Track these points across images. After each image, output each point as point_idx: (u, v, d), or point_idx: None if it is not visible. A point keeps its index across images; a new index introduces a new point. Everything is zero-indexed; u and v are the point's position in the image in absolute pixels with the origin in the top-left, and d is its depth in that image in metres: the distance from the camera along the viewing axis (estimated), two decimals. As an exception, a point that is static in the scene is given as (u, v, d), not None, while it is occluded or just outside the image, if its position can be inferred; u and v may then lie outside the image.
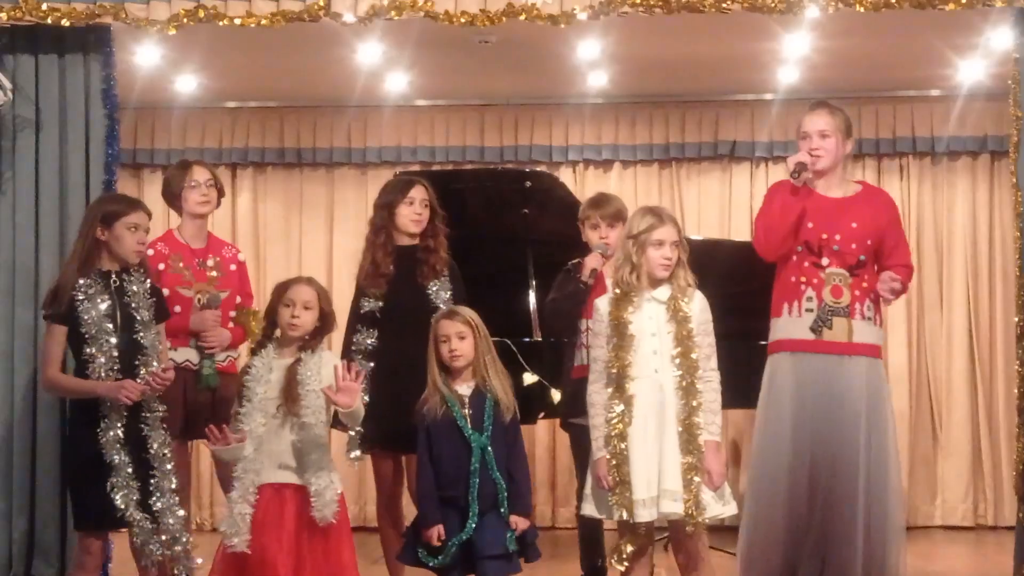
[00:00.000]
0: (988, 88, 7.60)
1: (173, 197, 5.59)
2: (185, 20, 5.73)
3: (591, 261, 5.12)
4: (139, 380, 4.59)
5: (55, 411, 5.80)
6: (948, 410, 8.30)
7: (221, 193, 5.66)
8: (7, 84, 5.79)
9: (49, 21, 5.74)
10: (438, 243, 5.28)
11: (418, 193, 5.29)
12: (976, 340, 8.29)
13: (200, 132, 8.48)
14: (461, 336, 4.51)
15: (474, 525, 4.39)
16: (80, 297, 4.61)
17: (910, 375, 8.31)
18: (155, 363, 4.67)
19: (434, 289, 5.20)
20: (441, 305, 5.13)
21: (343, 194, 8.62)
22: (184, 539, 4.65)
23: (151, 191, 8.46)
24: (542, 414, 6.17)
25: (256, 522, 4.42)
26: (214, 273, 5.48)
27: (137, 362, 4.63)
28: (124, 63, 6.31)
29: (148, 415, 4.63)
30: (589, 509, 4.61)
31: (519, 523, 4.46)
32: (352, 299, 5.36)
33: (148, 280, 4.78)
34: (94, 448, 4.56)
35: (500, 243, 6.47)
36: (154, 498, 4.59)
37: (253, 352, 4.64)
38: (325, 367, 4.53)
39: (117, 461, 4.54)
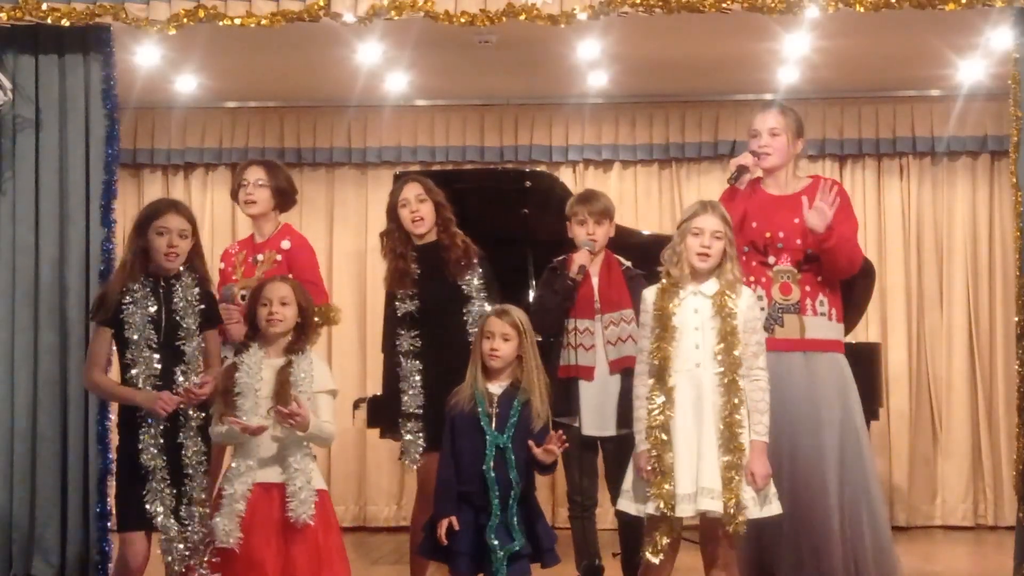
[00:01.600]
0: (988, 88, 7.61)
1: (235, 196, 5.63)
2: (185, 20, 5.73)
3: (579, 257, 5.12)
4: (176, 391, 4.58)
5: (55, 411, 5.81)
6: (948, 410, 8.30)
7: (279, 193, 5.56)
8: (7, 84, 5.80)
9: (49, 21, 5.74)
10: (452, 236, 5.26)
11: (410, 191, 5.27)
12: (976, 340, 8.29)
13: (200, 132, 8.47)
14: (506, 337, 4.47)
15: (497, 522, 4.36)
16: (126, 301, 4.61)
17: (910, 375, 8.31)
18: (195, 373, 4.64)
19: (467, 284, 5.21)
20: (475, 295, 5.16)
21: (343, 194, 8.62)
22: (201, 551, 4.58)
23: (151, 191, 8.49)
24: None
25: (244, 521, 4.43)
26: (263, 267, 5.44)
27: (176, 370, 4.61)
28: (124, 63, 6.31)
29: (186, 424, 4.60)
30: (626, 505, 4.57)
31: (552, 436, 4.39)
32: (384, 304, 5.36)
33: (198, 287, 4.71)
34: (135, 451, 4.57)
35: (500, 243, 6.45)
36: (183, 505, 4.58)
37: (237, 352, 4.63)
38: (316, 368, 4.55)
39: (153, 466, 4.55)
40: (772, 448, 4.82)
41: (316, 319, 5.11)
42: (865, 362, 6.75)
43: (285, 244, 5.53)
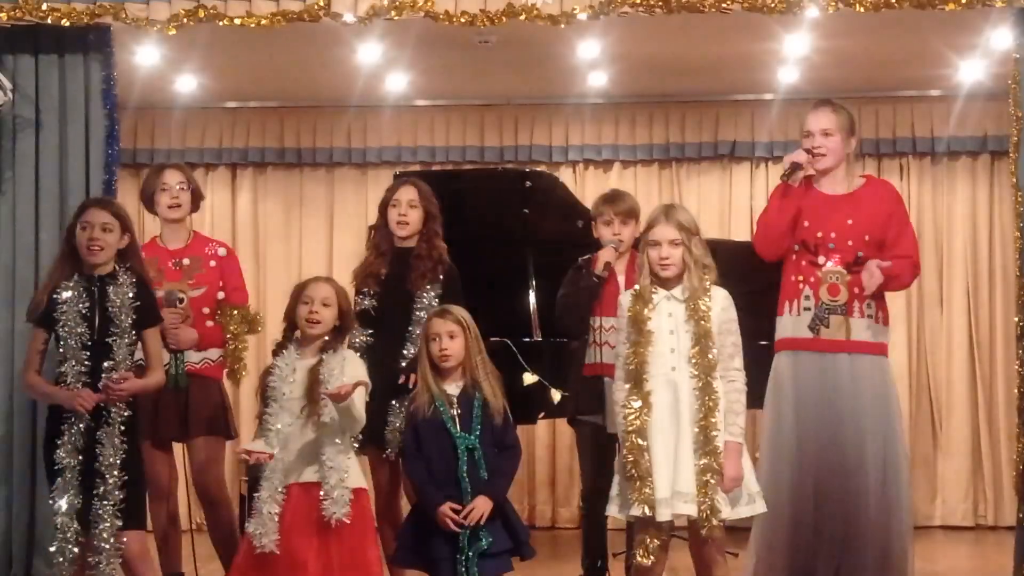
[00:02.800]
0: (988, 88, 7.60)
1: (147, 200, 5.60)
2: (185, 20, 5.73)
3: (604, 255, 5.12)
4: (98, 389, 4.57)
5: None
6: (948, 410, 8.31)
7: (197, 195, 5.61)
8: (7, 84, 5.79)
9: (49, 21, 5.74)
10: (430, 247, 5.22)
11: (404, 195, 5.25)
12: (976, 340, 8.30)
13: (200, 132, 8.48)
14: (451, 335, 4.48)
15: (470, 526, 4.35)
16: (59, 300, 4.61)
17: (910, 375, 8.31)
18: (122, 371, 4.62)
19: (421, 296, 5.16)
20: (423, 314, 5.11)
21: (343, 194, 8.62)
22: (108, 551, 4.57)
23: (151, 191, 8.49)
24: (542, 414, 6.17)
25: (285, 522, 4.43)
26: (192, 272, 5.44)
27: (105, 368, 4.60)
28: (124, 63, 6.31)
29: (107, 423, 4.58)
30: (612, 510, 4.57)
31: (476, 504, 4.33)
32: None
33: (135, 287, 4.69)
34: (55, 451, 4.58)
35: (500, 243, 6.45)
36: (94, 506, 4.55)
37: (274, 353, 4.63)
38: (349, 366, 4.55)
39: (66, 464, 4.54)
40: (816, 448, 4.82)
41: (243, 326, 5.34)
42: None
43: (222, 251, 5.59)
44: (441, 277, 5.19)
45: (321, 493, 4.44)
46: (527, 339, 6.20)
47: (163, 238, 5.57)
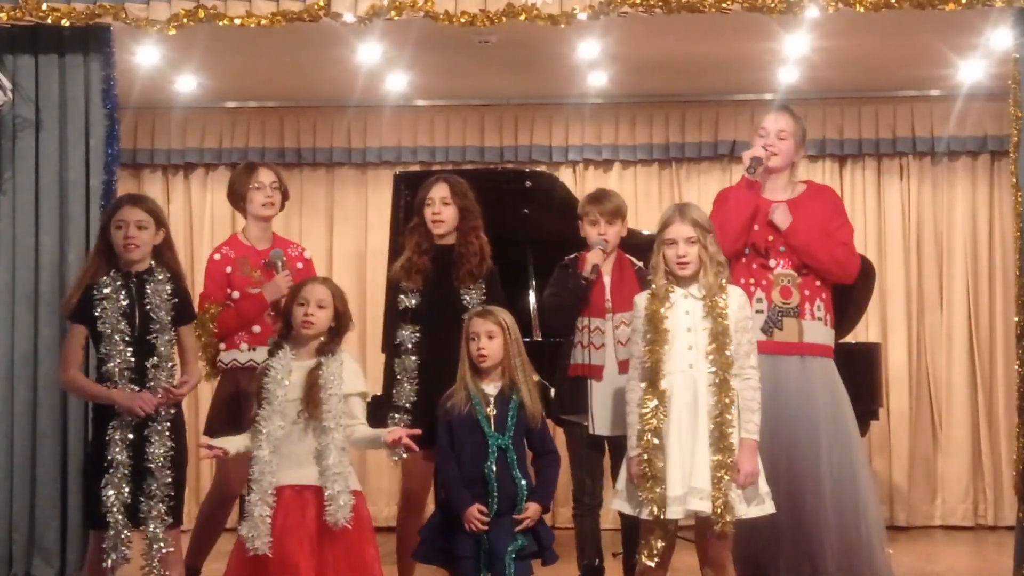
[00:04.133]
0: (988, 88, 7.61)
1: (238, 198, 5.59)
2: (185, 20, 5.73)
3: (592, 257, 5.11)
4: (156, 391, 4.57)
5: (55, 411, 5.81)
6: (948, 410, 8.31)
7: (286, 195, 5.64)
8: (7, 84, 5.80)
9: (49, 21, 5.75)
10: (469, 243, 5.21)
11: (437, 192, 5.24)
12: (976, 340, 8.30)
13: (200, 132, 8.48)
14: (491, 336, 4.48)
15: (498, 523, 4.36)
16: (97, 297, 4.61)
17: (910, 375, 8.31)
18: (166, 368, 4.63)
19: (467, 295, 5.16)
20: (471, 309, 5.12)
21: (343, 194, 8.62)
22: (162, 548, 4.59)
23: (151, 191, 8.48)
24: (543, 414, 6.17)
25: (277, 524, 4.38)
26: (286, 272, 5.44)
27: (148, 365, 4.61)
28: (124, 63, 6.31)
29: (157, 420, 4.59)
30: (620, 504, 4.57)
31: (528, 509, 4.39)
32: (385, 296, 5.35)
33: (170, 283, 4.70)
34: (103, 446, 4.58)
35: (500, 243, 6.45)
36: (144, 503, 4.56)
37: (270, 353, 4.61)
38: (347, 371, 4.51)
39: (116, 460, 4.54)
40: (769, 449, 4.85)
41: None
42: (865, 362, 6.75)
43: (307, 254, 5.68)
44: (485, 276, 5.21)
45: (326, 498, 4.39)
46: (527, 339, 6.19)
47: (250, 237, 5.57)
